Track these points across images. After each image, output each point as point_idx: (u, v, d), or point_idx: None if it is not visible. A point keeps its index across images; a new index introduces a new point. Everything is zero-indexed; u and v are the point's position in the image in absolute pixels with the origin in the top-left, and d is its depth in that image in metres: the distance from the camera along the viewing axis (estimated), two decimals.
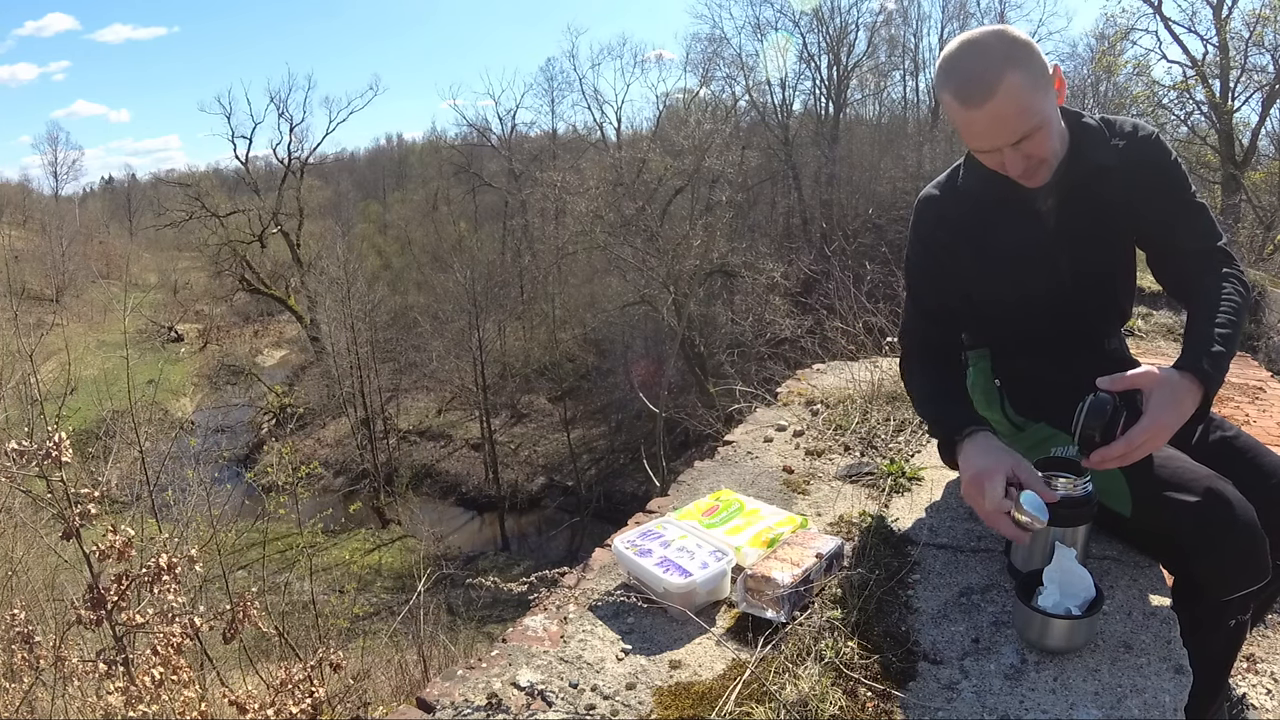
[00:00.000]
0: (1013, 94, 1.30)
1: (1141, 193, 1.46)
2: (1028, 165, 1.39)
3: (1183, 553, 1.40)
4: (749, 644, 1.28)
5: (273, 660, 3.96)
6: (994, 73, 1.29)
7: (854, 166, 24.65)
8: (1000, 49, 1.31)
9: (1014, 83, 1.29)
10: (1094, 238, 1.49)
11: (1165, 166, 1.48)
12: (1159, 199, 1.47)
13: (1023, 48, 1.32)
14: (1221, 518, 1.32)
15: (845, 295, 3.71)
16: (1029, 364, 1.60)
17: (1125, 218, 1.49)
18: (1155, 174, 1.47)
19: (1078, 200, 1.47)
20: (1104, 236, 1.50)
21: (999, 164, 1.40)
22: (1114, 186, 1.45)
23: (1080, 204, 1.47)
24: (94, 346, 19.08)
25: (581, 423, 21.87)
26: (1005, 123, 1.32)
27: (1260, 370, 3.67)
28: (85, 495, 2.10)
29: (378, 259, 29.92)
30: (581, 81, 37.67)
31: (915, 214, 1.61)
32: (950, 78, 1.34)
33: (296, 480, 5.81)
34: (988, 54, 1.31)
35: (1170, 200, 1.48)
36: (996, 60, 1.30)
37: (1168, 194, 1.48)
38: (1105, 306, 1.63)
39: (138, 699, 1.92)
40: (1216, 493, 1.33)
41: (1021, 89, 1.30)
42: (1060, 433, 1.51)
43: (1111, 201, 1.46)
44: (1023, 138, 1.34)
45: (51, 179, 37.91)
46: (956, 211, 1.54)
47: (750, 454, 2.10)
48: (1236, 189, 13.19)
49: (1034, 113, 1.33)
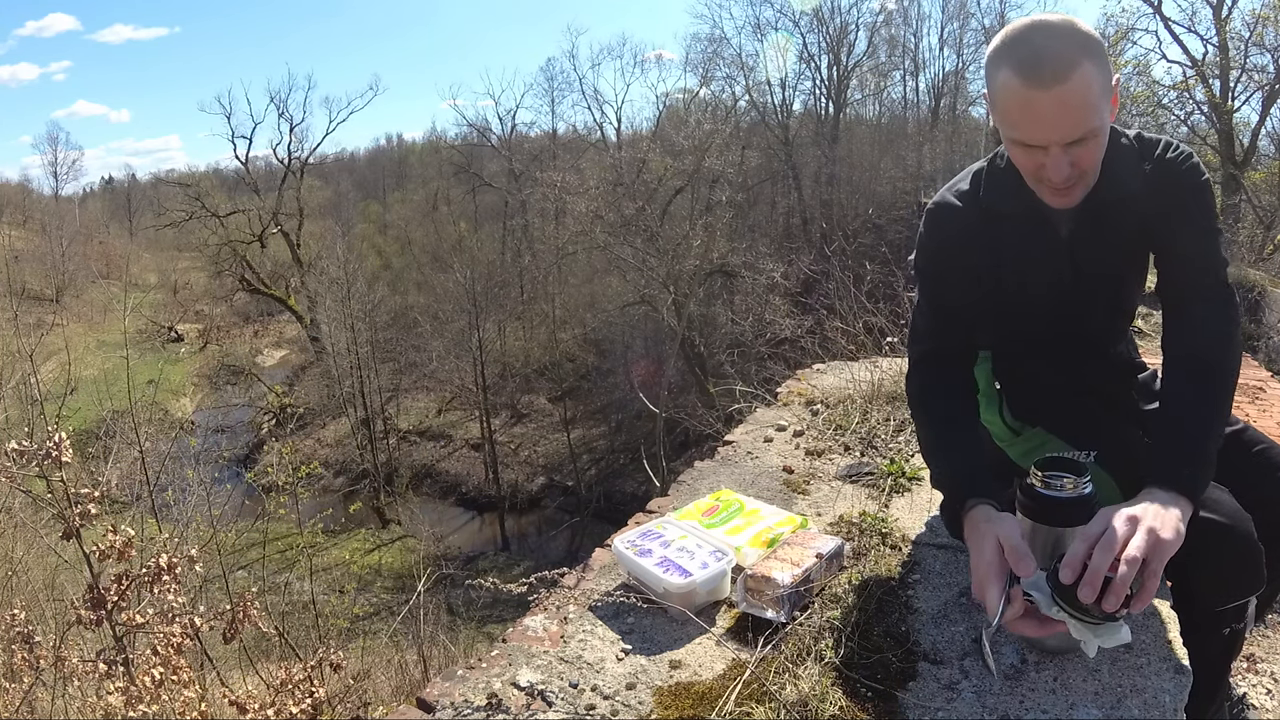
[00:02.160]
0: (1085, 84, 1.17)
1: (1162, 219, 1.37)
2: (1070, 174, 1.25)
3: (1180, 558, 1.39)
4: (749, 644, 1.28)
5: (273, 660, 3.96)
6: (1071, 55, 1.16)
7: (854, 166, 24.68)
8: (1078, 36, 1.19)
9: (1088, 72, 1.17)
10: (1107, 258, 1.44)
11: (1193, 196, 1.37)
12: (1179, 230, 1.37)
13: (1097, 43, 1.21)
14: (1216, 529, 1.31)
15: (845, 295, 3.70)
16: (1031, 368, 1.57)
17: (1142, 238, 1.43)
18: (1180, 203, 1.36)
19: (1096, 222, 1.40)
20: (1118, 256, 1.45)
21: (1038, 166, 1.26)
22: (1135, 211, 1.37)
23: (1098, 226, 1.41)
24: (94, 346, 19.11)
25: (581, 423, 21.88)
26: (1070, 113, 1.19)
27: (1260, 370, 3.67)
28: (85, 495, 2.10)
29: (378, 259, 29.94)
30: (581, 81, 37.72)
31: (930, 220, 1.50)
32: (1015, 51, 1.19)
33: (296, 480, 5.80)
34: (1065, 36, 1.19)
35: (1190, 234, 1.38)
36: (1074, 45, 1.18)
37: (1188, 226, 1.37)
38: (1112, 314, 1.58)
39: (138, 699, 1.92)
40: (1212, 503, 1.32)
41: (1093, 82, 1.18)
42: (1055, 439, 1.49)
43: (1131, 225, 1.39)
44: (1079, 139, 1.22)
45: (51, 179, 37.96)
46: (973, 224, 1.44)
47: (750, 454, 2.10)
48: (1236, 189, 13.19)
49: (1097, 114, 1.21)
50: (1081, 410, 1.52)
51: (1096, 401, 1.55)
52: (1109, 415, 1.52)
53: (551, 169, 23.66)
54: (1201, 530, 1.30)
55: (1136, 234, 1.41)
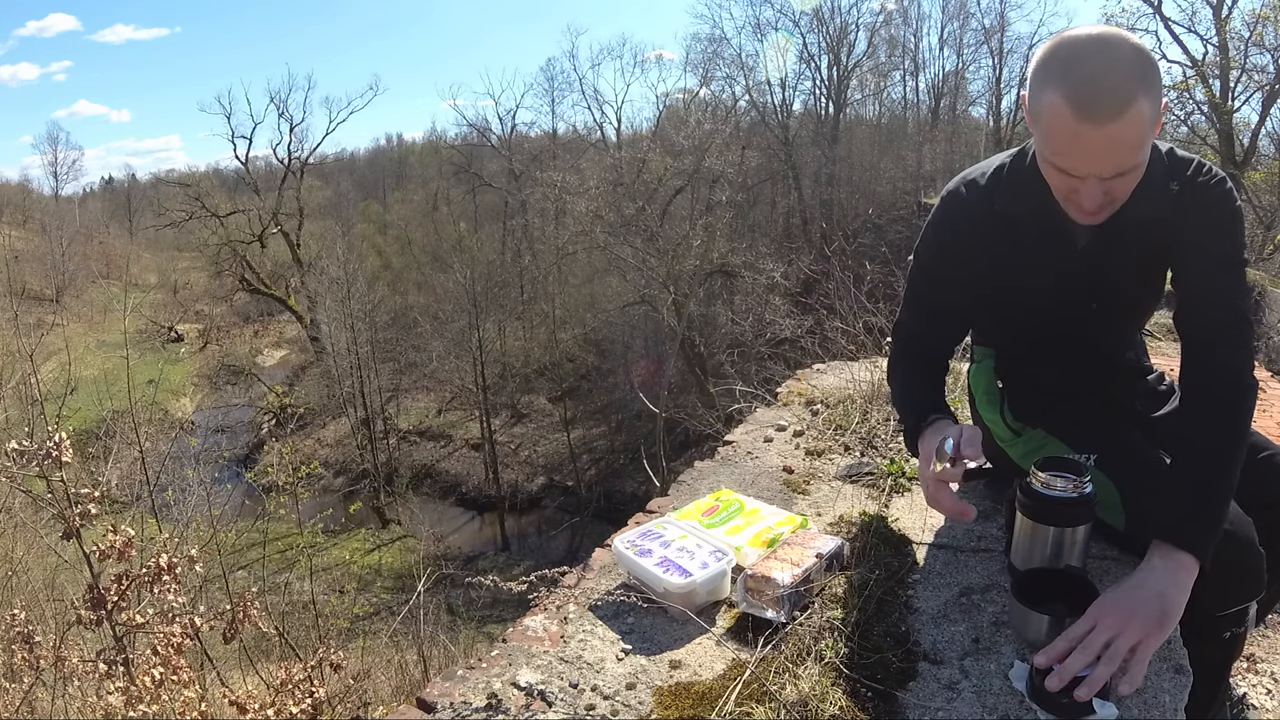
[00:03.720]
0: (1138, 122, 1.10)
1: (1188, 249, 1.32)
2: (1103, 203, 1.20)
3: None
4: (749, 644, 1.28)
5: (273, 660, 3.95)
6: (1129, 91, 1.08)
7: (854, 166, 24.70)
8: (1138, 65, 1.10)
9: (1142, 109, 1.09)
10: (1123, 274, 1.41)
11: (1223, 229, 1.30)
12: (1205, 264, 1.31)
13: (1154, 71, 1.12)
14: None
15: (845, 295, 3.70)
16: (1034, 370, 1.56)
17: (1161, 259, 1.40)
18: (1208, 234, 1.30)
19: (1116, 238, 1.35)
20: (1134, 273, 1.41)
21: (1071, 190, 1.21)
22: (1159, 234, 1.32)
23: (1118, 242, 1.36)
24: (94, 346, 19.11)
25: (581, 423, 21.88)
26: (1117, 152, 1.12)
27: (1260, 370, 3.67)
28: (85, 495, 2.10)
29: (378, 259, 29.93)
30: (581, 81, 37.62)
31: (941, 210, 1.46)
32: (1071, 77, 1.11)
33: (296, 480, 5.81)
34: (1125, 66, 1.10)
35: (1216, 269, 1.31)
36: (1133, 78, 1.09)
37: (1214, 261, 1.31)
38: (1122, 325, 1.57)
39: (138, 699, 1.92)
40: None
41: (1145, 120, 1.10)
42: (1055, 440, 1.49)
43: (1152, 245, 1.36)
44: (1120, 174, 1.16)
45: (51, 179, 37.95)
46: (987, 224, 1.40)
47: (750, 454, 2.10)
48: (1237, 189, 13.13)
49: (1143, 150, 1.14)
50: (1082, 412, 1.52)
51: (1098, 404, 1.54)
52: (1110, 417, 1.51)
53: (551, 169, 23.67)
54: None
55: (1157, 255, 1.38)
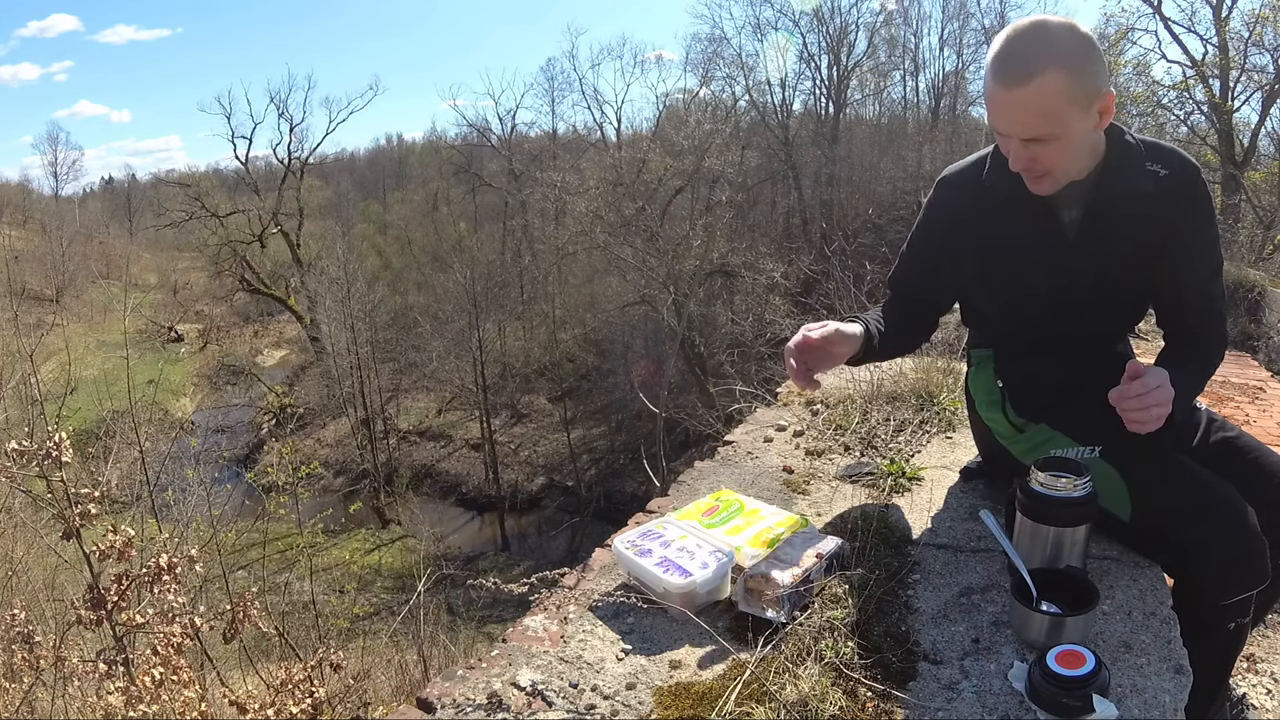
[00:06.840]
0: (1045, 92, 1.25)
1: (1170, 225, 1.42)
2: (1029, 168, 1.35)
3: (1182, 556, 1.40)
4: (749, 644, 1.28)
5: (273, 660, 3.95)
6: (1038, 62, 1.24)
7: (854, 166, 24.69)
8: (1059, 44, 1.25)
9: (1052, 81, 1.24)
10: (1118, 255, 1.46)
11: (1199, 206, 1.44)
12: (1183, 237, 1.43)
13: (1081, 55, 1.26)
14: (1220, 522, 1.31)
15: (845, 295, 3.70)
16: (1032, 366, 1.59)
17: (1151, 243, 1.46)
18: (1187, 212, 1.43)
19: (1105, 218, 1.43)
20: (1128, 254, 1.47)
21: (1006, 149, 1.37)
22: (1147, 211, 1.41)
23: (1108, 222, 1.43)
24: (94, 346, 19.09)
25: (581, 423, 21.87)
26: (1024, 115, 1.28)
27: (1260, 370, 3.68)
28: (85, 495, 2.10)
29: (378, 259, 29.93)
30: (581, 81, 37.73)
31: (935, 191, 1.59)
32: (997, 47, 1.30)
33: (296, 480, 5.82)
34: (1044, 42, 1.26)
35: (1193, 242, 1.44)
36: (1047, 52, 1.24)
37: (1192, 235, 1.44)
38: (1117, 313, 1.60)
39: (138, 699, 1.92)
40: (1215, 497, 1.33)
41: (1056, 91, 1.25)
42: (1060, 435, 1.50)
43: (1142, 225, 1.43)
44: (1035, 139, 1.30)
45: (52, 179, 37.92)
46: (974, 203, 1.51)
47: (750, 454, 2.10)
48: (1236, 189, 13.19)
49: (1057, 121, 1.27)
50: (1084, 406, 1.52)
51: (1098, 397, 1.55)
52: (1111, 411, 1.52)
53: (551, 169, 23.66)
54: (1206, 524, 1.31)
55: (1147, 231, 1.44)
